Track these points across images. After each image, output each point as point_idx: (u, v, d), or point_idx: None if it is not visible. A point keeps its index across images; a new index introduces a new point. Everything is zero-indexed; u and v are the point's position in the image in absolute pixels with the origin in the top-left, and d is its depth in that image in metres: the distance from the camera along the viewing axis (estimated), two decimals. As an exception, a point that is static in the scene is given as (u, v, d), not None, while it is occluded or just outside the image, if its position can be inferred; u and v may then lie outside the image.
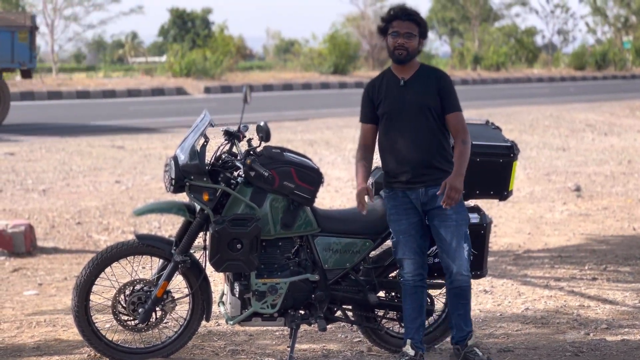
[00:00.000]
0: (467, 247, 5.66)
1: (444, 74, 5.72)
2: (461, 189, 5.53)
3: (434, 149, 5.63)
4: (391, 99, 5.67)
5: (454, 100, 5.66)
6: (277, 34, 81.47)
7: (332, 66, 40.96)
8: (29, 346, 6.36)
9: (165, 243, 5.93)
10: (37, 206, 11.76)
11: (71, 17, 46.24)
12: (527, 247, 9.78)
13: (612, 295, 7.67)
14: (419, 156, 5.62)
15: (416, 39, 5.62)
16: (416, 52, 5.65)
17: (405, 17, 5.61)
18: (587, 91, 35.45)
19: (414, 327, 5.74)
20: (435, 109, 5.62)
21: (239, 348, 6.25)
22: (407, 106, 5.63)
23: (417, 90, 5.63)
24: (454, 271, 5.64)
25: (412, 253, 5.69)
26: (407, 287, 5.73)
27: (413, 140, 5.62)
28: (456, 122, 5.64)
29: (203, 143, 5.78)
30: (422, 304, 5.76)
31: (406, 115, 5.63)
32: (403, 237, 5.70)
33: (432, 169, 5.62)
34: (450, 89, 5.67)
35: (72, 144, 17.05)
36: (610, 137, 20.20)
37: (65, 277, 8.75)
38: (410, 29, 5.60)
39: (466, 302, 5.74)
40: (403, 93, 5.66)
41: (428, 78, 5.66)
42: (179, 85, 33.50)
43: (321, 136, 18.79)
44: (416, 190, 5.64)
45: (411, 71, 5.69)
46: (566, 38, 62.34)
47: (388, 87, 5.71)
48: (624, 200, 12.66)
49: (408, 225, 5.69)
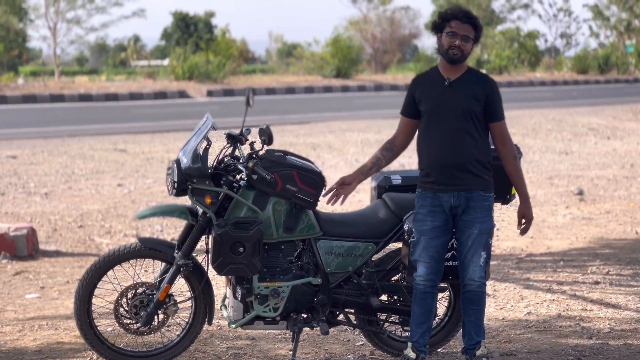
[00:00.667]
0: (484, 255, 5.62)
1: (491, 81, 5.64)
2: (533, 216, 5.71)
3: (470, 153, 5.56)
4: (433, 97, 5.61)
5: (499, 109, 5.61)
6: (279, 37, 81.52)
7: (335, 70, 40.99)
8: (30, 349, 6.35)
9: (167, 246, 5.92)
10: (39, 209, 11.76)
11: (73, 20, 46.27)
12: (530, 251, 9.78)
13: (614, 299, 7.66)
14: (454, 159, 5.56)
15: (471, 43, 5.56)
16: (468, 55, 5.59)
17: (466, 19, 5.54)
18: (590, 95, 35.45)
19: (419, 331, 5.73)
20: (477, 113, 5.55)
21: (241, 351, 6.25)
22: (448, 107, 5.57)
23: (461, 92, 5.57)
24: (467, 276, 5.63)
25: (428, 257, 5.64)
26: (417, 291, 5.70)
27: (450, 142, 5.56)
28: (501, 131, 5.60)
29: (205, 146, 5.77)
30: (430, 309, 5.73)
31: (446, 116, 5.57)
32: (423, 239, 5.65)
33: (466, 173, 5.57)
34: (496, 97, 5.59)
35: (75, 147, 17.07)
36: (613, 140, 20.19)
37: (68, 280, 8.74)
38: (468, 32, 5.53)
39: (478, 309, 5.71)
40: (446, 93, 5.59)
41: (474, 82, 5.59)
42: (182, 89, 33.53)
43: (324, 140, 18.80)
44: (448, 192, 5.60)
45: (458, 73, 5.62)
46: (569, 42, 62.28)
47: (432, 85, 5.65)
48: (626, 204, 12.65)
49: (431, 228, 5.64)
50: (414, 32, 62.36)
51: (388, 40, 57.44)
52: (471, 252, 5.60)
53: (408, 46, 68.24)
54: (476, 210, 5.58)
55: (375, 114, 25.29)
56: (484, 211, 5.59)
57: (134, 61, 69.03)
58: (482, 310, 5.74)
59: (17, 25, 48.09)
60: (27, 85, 33.30)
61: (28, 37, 53.07)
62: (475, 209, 5.58)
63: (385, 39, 57.50)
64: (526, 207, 5.68)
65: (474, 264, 5.61)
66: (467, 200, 5.57)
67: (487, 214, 5.61)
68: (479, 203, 5.58)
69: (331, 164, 15.94)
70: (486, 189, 5.61)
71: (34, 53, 74.63)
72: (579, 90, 38.92)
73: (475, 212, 5.58)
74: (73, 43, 50.76)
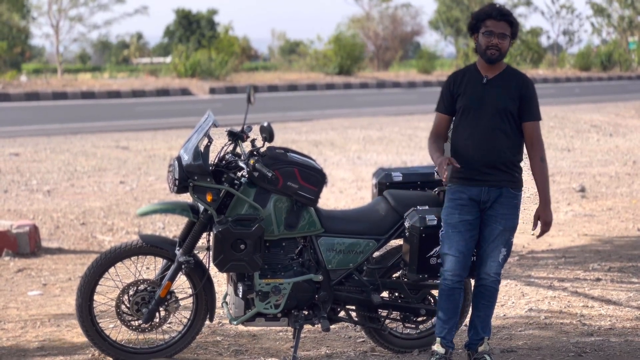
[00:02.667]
0: (505, 251, 5.63)
1: (528, 80, 5.62)
2: (552, 220, 5.66)
3: (502, 151, 5.56)
4: (470, 94, 5.61)
5: (534, 109, 5.59)
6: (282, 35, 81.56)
7: (337, 67, 41.01)
8: (33, 346, 6.37)
9: (168, 243, 5.94)
10: (41, 207, 11.78)
11: (76, 17, 46.35)
12: (532, 248, 9.78)
13: (615, 296, 7.67)
14: (486, 155, 5.56)
15: (508, 40, 5.54)
16: (505, 53, 5.57)
17: (500, 17, 5.52)
18: (593, 92, 35.44)
19: (447, 327, 5.70)
20: (512, 112, 5.54)
21: (242, 348, 6.26)
22: (484, 105, 5.57)
23: (498, 91, 5.56)
24: (484, 270, 5.64)
25: (456, 250, 5.61)
26: (445, 287, 5.65)
27: (483, 138, 5.56)
28: (532, 131, 5.58)
29: (207, 143, 5.78)
30: (457, 305, 5.70)
31: (482, 113, 5.57)
32: (452, 232, 5.63)
33: (496, 170, 5.57)
34: (532, 96, 5.58)
35: (77, 145, 17.09)
36: (615, 137, 20.19)
37: (70, 277, 8.76)
38: (504, 30, 5.52)
39: (488, 305, 5.72)
40: (483, 91, 5.59)
41: (512, 81, 5.58)
42: (184, 86, 33.54)
43: (326, 137, 18.80)
44: (478, 187, 5.60)
45: (496, 71, 5.61)
46: (571, 39, 62.29)
47: (470, 82, 5.64)
48: (628, 201, 12.65)
49: (459, 221, 5.62)
50: (416, 29, 62.42)
51: (390, 37, 57.46)
52: (492, 247, 5.61)
53: (410, 43, 68.25)
54: (503, 207, 5.59)
55: (378, 111, 25.28)
56: (511, 208, 5.60)
57: (136, 59, 69.08)
58: (492, 306, 5.75)
59: (19, 23, 48.14)
60: (29, 82, 33.31)
61: (31, 34, 53.17)
62: (503, 205, 5.59)
63: (388, 36, 57.52)
64: (544, 209, 5.66)
65: (492, 258, 5.62)
66: (497, 195, 5.58)
67: (514, 211, 5.62)
68: (507, 200, 5.59)
69: (333, 161, 15.94)
70: (516, 187, 5.63)
71: (37, 51, 74.71)
72: (582, 88, 38.92)
73: (502, 208, 5.59)
74: (76, 41, 50.93)
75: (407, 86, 39.64)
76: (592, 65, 50.22)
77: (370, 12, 59.11)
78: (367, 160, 15.96)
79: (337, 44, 41.87)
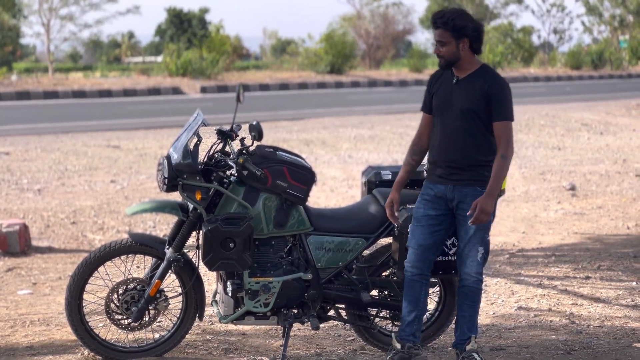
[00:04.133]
0: (482, 250, 5.62)
1: (498, 81, 5.56)
2: (491, 210, 5.49)
3: (470, 151, 5.56)
4: (441, 94, 5.65)
5: (502, 108, 5.53)
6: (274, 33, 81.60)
7: (329, 66, 41.01)
8: (22, 345, 6.36)
9: (158, 242, 5.94)
10: (32, 206, 11.77)
11: (67, 16, 46.29)
12: (522, 246, 9.80)
13: (605, 294, 7.69)
14: (453, 155, 5.58)
15: (451, 44, 5.51)
16: (455, 56, 5.54)
17: (435, 25, 5.56)
18: (584, 90, 35.51)
19: (406, 320, 5.74)
20: (478, 112, 5.53)
21: (232, 347, 6.26)
22: (452, 105, 5.59)
23: (465, 91, 5.57)
24: (464, 270, 5.66)
25: (416, 243, 5.66)
26: (406, 279, 5.73)
27: (451, 138, 5.58)
28: (500, 131, 5.53)
29: (196, 142, 5.78)
30: (417, 298, 5.72)
31: (449, 113, 5.60)
32: (415, 225, 5.68)
33: (464, 171, 5.58)
34: (500, 96, 5.52)
35: (68, 144, 17.06)
36: (605, 136, 20.23)
37: (60, 276, 8.75)
38: (441, 37, 5.52)
39: (472, 305, 5.72)
40: (452, 91, 5.61)
41: (479, 81, 5.55)
42: (175, 85, 33.52)
43: (317, 136, 18.80)
44: (445, 185, 5.62)
45: (467, 71, 5.60)
46: (562, 37, 62.41)
47: (443, 82, 5.68)
48: (618, 200, 12.68)
49: (423, 215, 5.66)
50: (408, 27, 62.41)
51: (382, 36, 57.49)
52: (469, 247, 5.62)
53: (402, 42, 68.27)
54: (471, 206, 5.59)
55: (369, 110, 25.29)
56: None
57: (127, 57, 69.01)
58: (476, 306, 5.75)
59: (10, 21, 48.04)
60: (20, 81, 33.25)
61: (22, 33, 53.08)
62: (471, 204, 5.58)
63: (379, 34, 57.54)
64: (485, 197, 5.46)
65: (471, 258, 5.63)
66: (463, 194, 5.58)
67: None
68: (475, 199, 5.57)
69: (324, 159, 15.95)
70: (484, 185, 5.59)
71: (28, 50, 74.60)
72: (573, 86, 38.99)
73: None
74: (67, 40, 50.85)
75: (398, 85, 39.65)
76: (583, 63, 50.28)
77: (362, 11, 59.14)
78: (358, 159, 15.97)
79: (329, 43, 41.86)
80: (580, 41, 62.31)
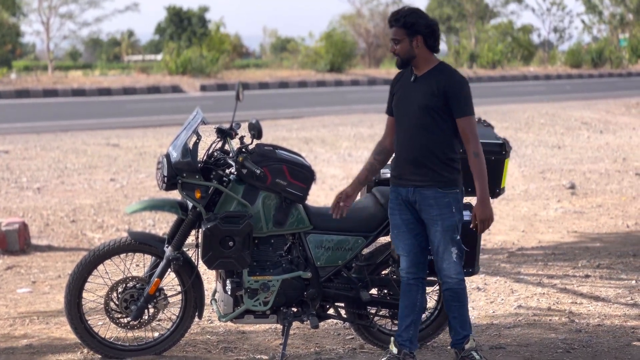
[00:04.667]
0: (456, 250, 5.57)
1: (454, 77, 5.53)
2: (490, 215, 5.47)
3: (430, 149, 5.52)
4: (400, 94, 5.63)
5: (462, 104, 5.49)
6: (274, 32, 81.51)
7: (328, 64, 40.97)
8: (21, 344, 6.36)
9: (157, 241, 5.94)
10: (31, 204, 11.77)
11: (66, 14, 46.24)
12: (521, 245, 9.80)
13: (604, 293, 7.69)
14: (412, 154, 5.55)
15: (405, 42, 5.51)
16: (410, 54, 5.53)
17: (389, 24, 5.59)
18: (583, 89, 35.48)
19: (403, 324, 5.73)
20: (437, 109, 5.49)
21: (231, 345, 6.26)
22: (410, 103, 5.57)
23: (423, 89, 5.54)
24: (442, 274, 5.62)
25: (405, 250, 5.67)
26: (402, 283, 5.73)
27: (410, 137, 5.56)
28: (463, 127, 5.50)
29: (195, 141, 5.79)
30: (414, 302, 5.72)
31: (409, 112, 5.57)
32: (397, 232, 5.68)
33: (424, 170, 5.53)
34: (458, 92, 5.49)
35: (67, 142, 17.05)
36: (605, 134, 20.22)
37: (59, 274, 8.75)
38: (395, 35, 5.54)
39: (460, 305, 5.69)
40: (411, 90, 5.59)
41: (436, 78, 5.52)
42: (175, 84, 33.49)
43: (317, 134, 18.80)
44: (405, 187, 5.61)
45: (425, 69, 5.58)
46: (562, 36, 62.37)
47: (403, 81, 5.66)
48: (618, 198, 12.68)
49: (400, 221, 5.66)
50: (408, 26, 62.20)
51: (381, 34, 57.38)
52: (441, 250, 5.57)
53: (402, 40, 68.12)
54: (434, 208, 5.53)
55: (369, 108, 25.30)
56: (443, 208, 5.51)
57: (127, 56, 68.96)
58: (464, 305, 5.71)
59: (10, 20, 48.01)
60: (20, 80, 33.23)
61: (21, 32, 53.04)
62: (433, 207, 5.52)
63: (379, 33, 57.46)
64: (479, 205, 5.48)
65: (446, 261, 5.58)
66: (424, 197, 5.53)
67: (448, 210, 5.52)
68: (438, 200, 5.52)
69: (324, 158, 15.95)
70: (445, 186, 5.53)
71: (27, 48, 74.53)
72: (572, 85, 38.96)
73: (434, 210, 5.53)
74: (66, 38, 50.78)
75: (398, 83, 39.52)
76: (583, 62, 50.21)
77: (361, 10, 59.09)
78: (357, 158, 15.96)
79: (328, 41, 41.83)
80: (580, 40, 62.29)
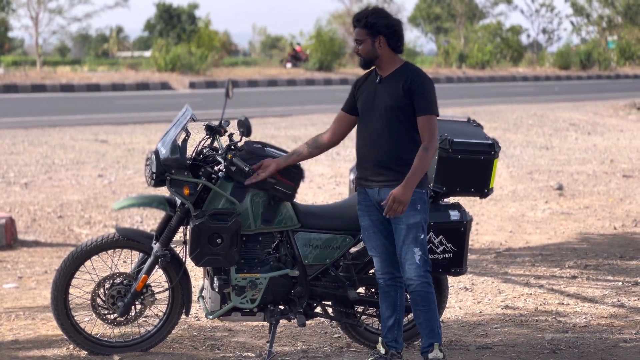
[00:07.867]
0: (419, 252, 5.50)
1: (419, 76, 5.51)
2: (406, 201, 5.39)
3: (394, 150, 5.50)
4: (365, 96, 5.62)
5: (425, 103, 5.46)
6: (263, 30, 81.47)
7: (318, 63, 40.97)
8: (7, 339, 6.34)
9: (145, 237, 5.93)
10: (18, 199, 11.73)
11: (56, 10, 46.05)
12: (509, 245, 9.81)
13: (591, 294, 7.71)
14: (377, 155, 5.53)
15: (367, 42, 5.51)
16: (372, 54, 5.53)
17: (353, 25, 5.60)
18: (572, 90, 35.56)
19: (386, 325, 5.73)
20: (403, 109, 5.47)
21: (218, 342, 6.25)
22: (375, 104, 5.55)
23: (388, 89, 5.53)
24: (406, 276, 5.56)
25: (376, 251, 5.66)
26: (380, 285, 5.73)
27: (375, 138, 5.54)
28: (422, 125, 5.46)
29: (184, 137, 5.77)
30: (394, 303, 5.70)
31: (374, 113, 5.55)
32: (366, 234, 5.68)
33: (389, 170, 5.51)
34: (420, 90, 5.46)
35: (55, 138, 17.00)
36: (593, 136, 20.27)
37: (46, 270, 8.72)
38: (358, 35, 5.54)
39: (425, 310, 5.57)
40: (376, 91, 5.58)
41: (401, 78, 5.51)
42: (164, 80, 33.44)
43: (305, 132, 18.77)
44: (372, 188, 5.58)
45: (389, 70, 5.57)
46: (551, 37, 62.53)
47: (368, 83, 5.66)
48: (605, 200, 12.71)
49: (369, 223, 5.65)
50: (397, 26, 62.24)
51: (371, 33, 57.43)
52: (404, 250, 5.52)
53: (391, 40, 68.16)
54: None
55: (357, 108, 25.27)
56: (408, 206, 5.45)
57: (116, 52, 68.83)
58: (430, 311, 5.58)
59: (-2, 14, 47.84)
60: (8, 74, 33.14)
61: (10, 26, 52.83)
62: None
63: (369, 32, 57.46)
64: (401, 187, 5.37)
65: (409, 262, 5.52)
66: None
67: (412, 208, 5.46)
68: None
69: (312, 156, 15.91)
70: None
71: (16, 43, 74.30)
72: (561, 86, 39.05)
73: None
74: (55, 33, 50.66)
75: (387, 83, 39.54)
76: (571, 64, 50.33)
77: (352, 8, 58.99)
78: (346, 157, 15.96)
79: (318, 40, 41.84)
80: (569, 41, 62.49)
